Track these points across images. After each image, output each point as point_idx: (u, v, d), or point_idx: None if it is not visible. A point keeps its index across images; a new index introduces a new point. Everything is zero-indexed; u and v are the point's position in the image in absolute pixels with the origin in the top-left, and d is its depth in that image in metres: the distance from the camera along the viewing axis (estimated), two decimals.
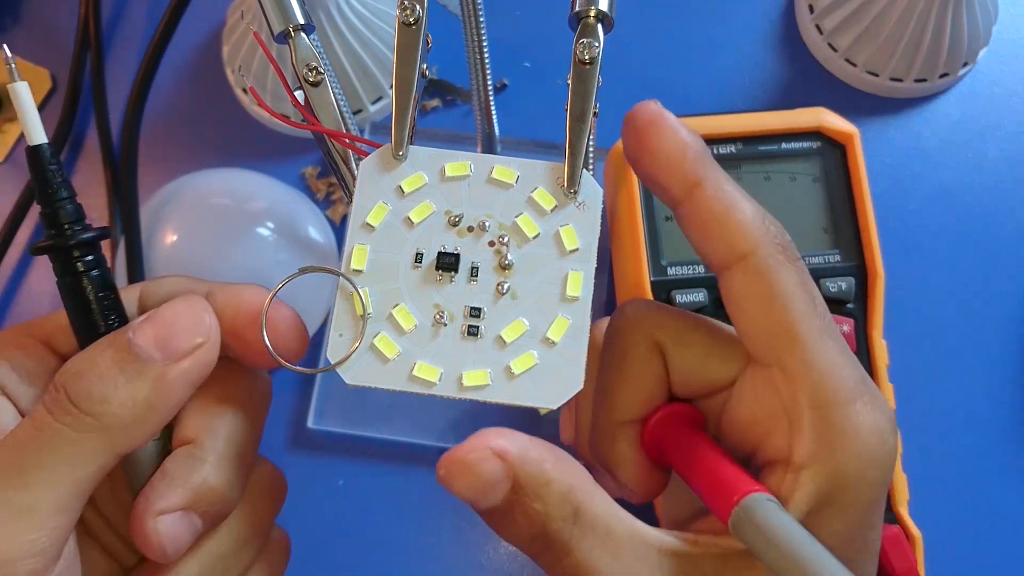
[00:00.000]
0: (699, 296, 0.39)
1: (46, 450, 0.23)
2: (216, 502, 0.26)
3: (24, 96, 0.25)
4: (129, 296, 0.28)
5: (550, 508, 0.23)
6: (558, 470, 0.24)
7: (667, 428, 0.27)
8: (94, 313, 0.26)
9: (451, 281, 0.26)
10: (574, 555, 0.23)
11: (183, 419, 0.26)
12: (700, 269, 0.39)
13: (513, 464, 0.23)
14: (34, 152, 0.26)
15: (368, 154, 0.27)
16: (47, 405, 0.23)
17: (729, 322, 0.26)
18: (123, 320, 0.27)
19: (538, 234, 0.26)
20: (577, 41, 0.26)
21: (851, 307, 0.39)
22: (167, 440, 0.27)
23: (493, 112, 0.42)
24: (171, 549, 0.25)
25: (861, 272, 0.39)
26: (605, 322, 0.29)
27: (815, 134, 0.41)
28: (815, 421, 0.24)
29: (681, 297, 0.39)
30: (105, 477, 0.24)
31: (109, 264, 0.49)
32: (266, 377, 0.29)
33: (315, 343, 0.47)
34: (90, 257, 0.26)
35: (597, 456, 0.28)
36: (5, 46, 0.27)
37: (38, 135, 0.26)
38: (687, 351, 0.27)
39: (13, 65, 0.26)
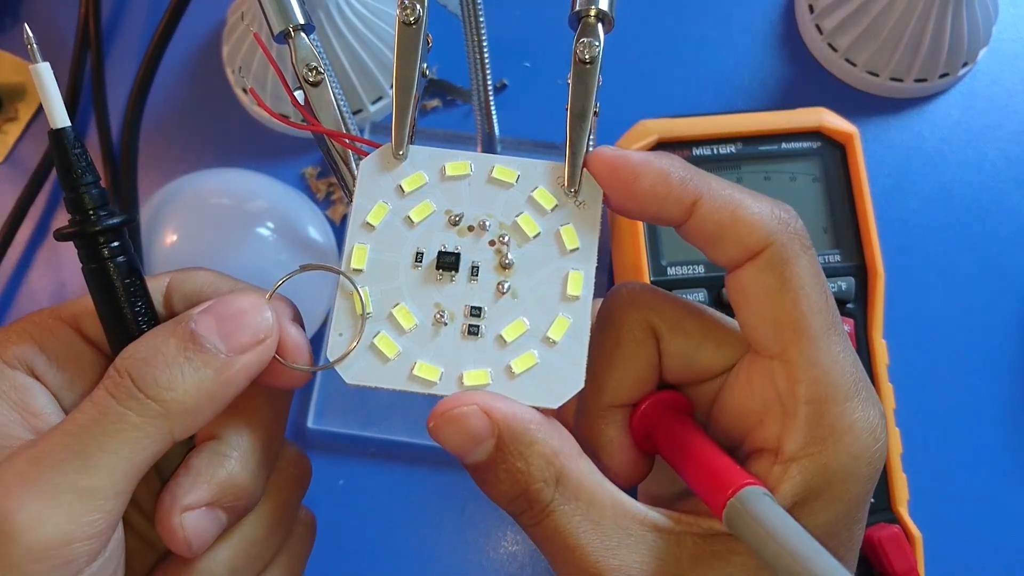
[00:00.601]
0: (699, 296, 0.39)
1: (109, 434, 0.23)
2: (241, 497, 0.26)
3: (46, 77, 0.25)
4: (157, 284, 0.28)
5: (532, 469, 0.24)
6: (544, 433, 0.24)
7: (657, 415, 0.27)
8: (120, 300, 0.26)
9: (451, 280, 0.26)
10: (553, 518, 0.24)
11: None
12: (700, 269, 0.39)
13: (498, 422, 0.24)
14: (57, 135, 0.25)
15: (368, 154, 0.27)
16: (110, 390, 0.23)
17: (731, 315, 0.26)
18: (150, 307, 0.26)
19: (538, 233, 0.26)
20: (577, 41, 0.26)
21: (851, 307, 0.39)
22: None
23: (493, 112, 0.42)
24: (196, 544, 0.25)
25: (861, 272, 0.39)
26: (598, 302, 0.29)
27: (815, 134, 0.41)
28: (810, 416, 0.24)
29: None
30: None
31: None
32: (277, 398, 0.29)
33: (315, 342, 0.47)
34: (116, 243, 0.26)
35: (582, 438, 0.28)
36: (27, 25, 0.26)
37: (62, 118, 0.25)
38: (682, 337, 0.27)
39: (35, 46, 0.25)
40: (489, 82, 0.39)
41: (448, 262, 0.26)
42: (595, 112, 0.26)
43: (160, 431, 0.23)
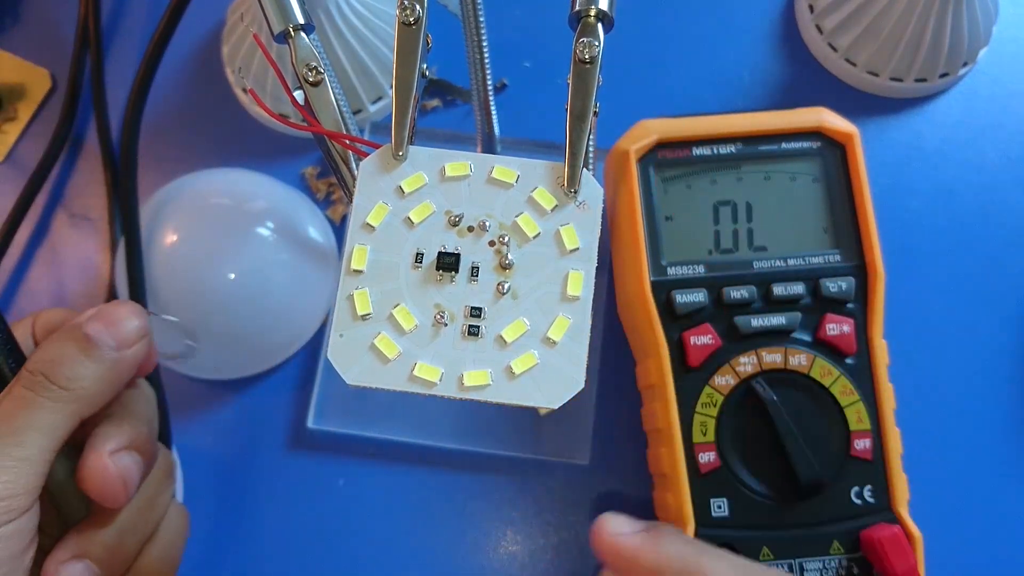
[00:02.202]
0: (699, 296, 0.39)
1: (34, 417, 0.29)
2: (148, 442, 0.33)
3: None
4: (24, 327, 0.34)
5: None
6: None
7: None
8: None
9: (452, 281, 0.26)
10: None
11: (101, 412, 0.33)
12: (700, 269, 0.39)
13: None
14: None
15: (368, 154, 0.27)
16: (27, 386, 0.30)
17: None
18: (15, 348, 0.32)
19: (538, 234, 0.26)
20: (577, 40, 0.26)
21: (851, 307, 0.39)
22: (74, 463, 0.32)
23: (493, 112, 0.42)
24: (129, 481, 0.31)
25: (861, 272, 0.39)
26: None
27: (815, 134, 0.41)
28: None
29: (681, 297, 0.39)
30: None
31: (109, 265, 0.49)
32: (146, 385, 0.36)
33: (315, 342, 0.47)
34: None
35: None
36: None
37: None
38: None
39: None
40: (489, 82, 0.39)
41: (448, 263, 0.26)
42: (595, 112, 0.26)
43: (71, 411, 0.30)
